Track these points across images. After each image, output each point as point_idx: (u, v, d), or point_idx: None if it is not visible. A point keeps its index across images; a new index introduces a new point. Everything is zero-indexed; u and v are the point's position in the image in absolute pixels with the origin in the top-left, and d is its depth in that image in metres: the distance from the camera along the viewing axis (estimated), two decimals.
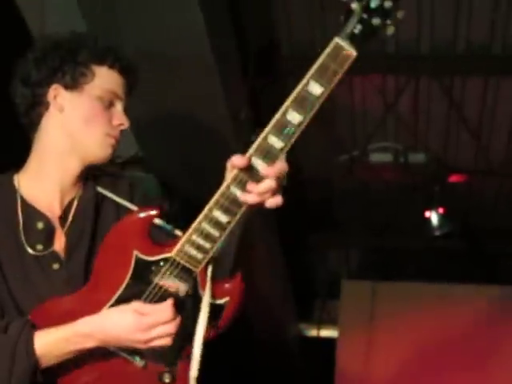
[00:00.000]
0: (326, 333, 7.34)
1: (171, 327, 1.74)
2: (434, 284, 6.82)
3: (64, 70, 1.90)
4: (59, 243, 1.90)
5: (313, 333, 7.37)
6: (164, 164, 4.65)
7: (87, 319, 1.75)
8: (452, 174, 5.71)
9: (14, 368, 1.72)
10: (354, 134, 5.45)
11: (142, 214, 1.80)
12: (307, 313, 7.45)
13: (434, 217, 5.82)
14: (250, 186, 1.67)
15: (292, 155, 1.76)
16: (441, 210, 5.80)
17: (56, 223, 1.91)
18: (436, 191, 5.71)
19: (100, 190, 1.99)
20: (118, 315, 1.75)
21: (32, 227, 1.88)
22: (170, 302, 1.74)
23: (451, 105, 5.18)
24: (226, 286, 1.84)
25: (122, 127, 1.96)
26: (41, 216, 1.89)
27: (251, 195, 1.68)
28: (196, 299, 1.80)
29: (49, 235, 1.89)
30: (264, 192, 1.68)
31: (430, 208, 5.81)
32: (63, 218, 1.92)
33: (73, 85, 1.90)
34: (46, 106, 1.92)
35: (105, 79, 1.92)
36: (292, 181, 1.76)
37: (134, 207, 1.94)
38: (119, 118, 1.95)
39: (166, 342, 1.75)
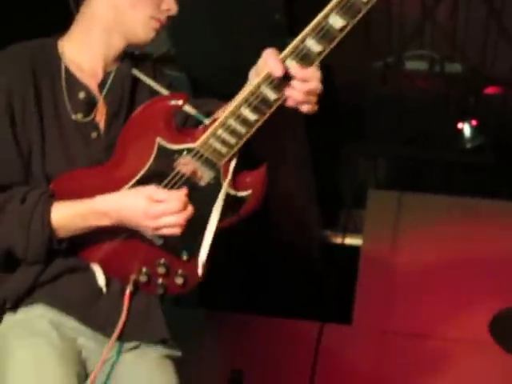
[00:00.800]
0: (351, 241, 7.38)
1: (180, 218, 1.75)
2: (461, 198, 6.80)
3: None
4: (99, 114, 1.94)
5: (337, 240, 7.42)
6: (196, 63, 4.61)
7: (104, 198, 1.79)
8: (488, 86, 5.59)
9: (30, 238, 1.78)
10: (389, 40, 5.33)
11: (170, 101, 1.81)
12: (333, 221, 7.48)
13: (466, 129, 5.75)
14: (296, 83, 1.64)
15: (323, 58, 1.73)
16: (474, 123, 5.73)
17: (96, 94, 1.95)
18: (470, 103, 5.62)
19: (135, 72, 2.02)
20: (132, 198, 1.77)
21: (73, 96, 1.91)
22: (183, 192, 1.76)
23: (491, 13, 5.03)
24: (249, 179, 1.85)
25: (170, 13, 1.98)
26: (82, 86, 1.93)
27: (295, 92, 1.66)
28: (217, 190, 1.81)
29: (89, 105, 1.93)
30: (308, 91, 1.66)
31: (463, 120, 5.73)
32: (102, 87, 1.96)
33: None
34: None
35: None
36: (323, 85, 1.73)
37: (165, 91, 1.94)
38: (168, 3, 1.97)
39: (175, 231, 1.77)
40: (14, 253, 1.82)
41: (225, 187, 1.79)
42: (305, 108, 1.71)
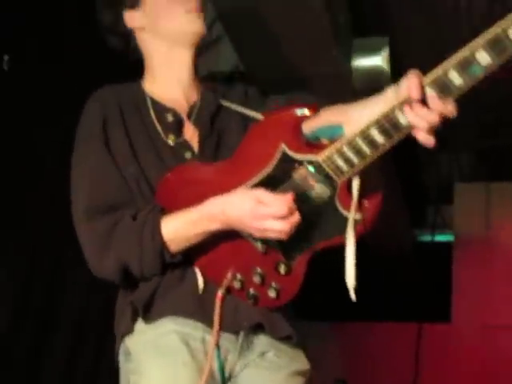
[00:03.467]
0: (441, 237, 7.26)
1: (285, 224, 1.74)
2: None
3: None
4: (189, 134, 2.01)
5: (427, 238, 7.30)
6: (265, 76, 4.63)
7: (212, 201, 1.82)
8: None
9: (143, 253, 1.83)
10: (459, 30, 5.23)
11: (300, 112, 1.79)
12: (421, 218, 7.38)
13: None
14: (420, 110, 1.60)
15: (395, 56, 1.69)
16: None
17: (184, 116, 2.03)
18: None
19: (222, 102, 2.09)
20: (239, 199, 1.79)
21: (163, 120, 1.99)
22: (290, 197, 1.74)
23: None
24: (365, 203, 1.83)
25: None
26: (169, 109, 2.01)
27: (420, 120, 1.62)
28: (329, 207, 1.79)
29: (178, 126, 2.01)
30: (432, 122, 1.62)
31: None
32: (190, 114, 2.04)
33: (135, 1, 2.05)
34: (132, 33, 2.08)
35: None
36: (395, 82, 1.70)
37: (257, 115, 1.95)
38: None
39: (280, 236, 1.77)
40: (131, 270, 1.86)
41: (353, 210, 1.77)
42: (422, 138, 1.67)
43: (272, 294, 1.88)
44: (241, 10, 3.86)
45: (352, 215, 1.78)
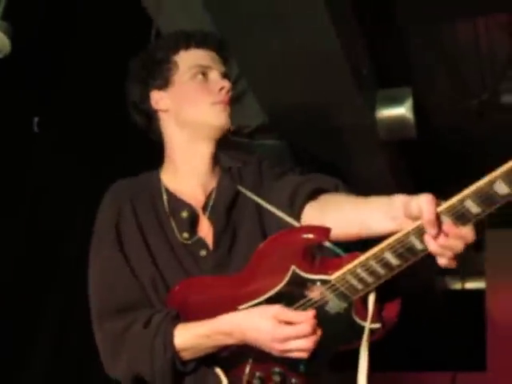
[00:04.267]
0: (472, 285, 7.18)
1: (309, 342, 1.69)
2: None
3: (153, 76, 2.02)
4: (204, 231, 1.96)
5: (458, 286, 7.23)
6: (291, 128, 4.68)
7: (228, 317, 1.77)
8: None
9: (154, 362, 1.78)
10: (481, 76, 5.26)
11: (309, 236, 1.75)
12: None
13: None
14: (443, 241, 1.55)
15: (418, 106, 1.71)
16: None
17: (199, 211, 1.98)
18: None
19: (239, 187, 2.04)
20: (258, 319, 1.73)
21: (177, 216, 1.95)
22: (311, 313, 1.71)
23: None
24: (382, 312, 1.77)
25: (224, 90, 2.00)
26: (184, 205, 1.96)
27: (434, 245, 1.56)
28: (345, 320, 1.76)
29: (193, 223, 1.95)
30: (455, 250, 1.56)
31: None
32: (205, 207, 1.99)
33: (165, 83, 2.01)
34: (156, 114, 2.04)
35: (187, 61, 2.01)
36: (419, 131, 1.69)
37: (275, 210, 1.95)
38: (217, 83, 2.00)
39: (302, 355, 1.72)
40: (143, 376, 1.82)
41: (368, 327, 1.72)
42: (440, 262, 1.60)
43: None
44: (265, 66, 3.93)
45: (368, 325, 1.72)
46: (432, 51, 5.03)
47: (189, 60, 2.02)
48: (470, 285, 7.20)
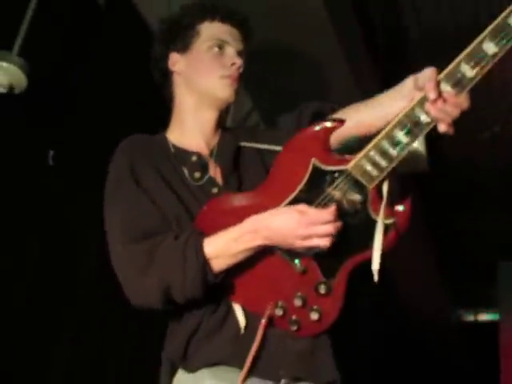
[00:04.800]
0: (485, 317, 7.15)
1: (330, 227, 1.77)
2: None
3: (175, 39, 2.14)
4: (214, 172, 2.06)
5: (471, 318, 7.20)
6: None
7: (253, 217, 1.84)
8: None
9: (186, 271, 1.82)
10: (494, 108, 5.28)
11: (327, 124, 1.85)
12: (464, 298, 7.29)
13: None
14: (442, 106, 1.71)
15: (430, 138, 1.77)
16: None
17: (207, 157, 2.08)
18: None
19: (240, 143, 2.14)
20: (283, 212, 1.82)
21: (187, 162, 2.05)
22: (333, 207, 1.78)
23: None
24: (395, 207, 1.84)
25: (235, 66, 2.10)
26: (192, 153, 2.07)
27: (443, 114, 1.71)
28: (363, 215, 1.83)
29: (203, 164, 2.05)
30: (452, 115, 1.71)
31: None
32: (211, 154, 2.09)
33: (184, 47, 2.13)
34: (171, 75, 2.16)
35: (209, 32, 2.12)
36: (436, 163, 1.76)
37: (275, 147, 2.02)
38: (230, 58, 2.11)
39: (325, 242, 1.78)
40: (173, 291, 1.85)
41: (382, 212, 1.80)
42: (442, 128, 1.74)
43: (314, 316, 1.85)
44: (278, 101, 3.96)
45: (383, 209, 1.79)
46: None
47: (210, 31, 2.12)
48: (484, 317, 7.15)
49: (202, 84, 2.11)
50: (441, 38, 4.79)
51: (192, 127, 2.13)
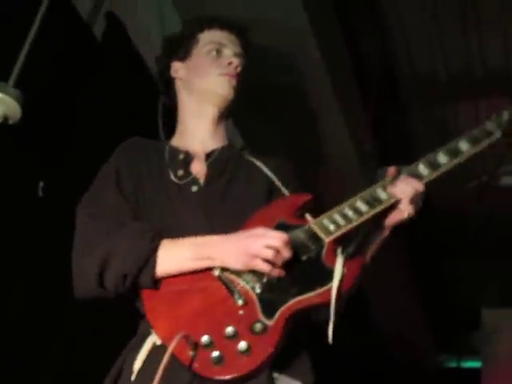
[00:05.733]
0: (468, 364, 7.13)
1: (278, 241, 1.84)
2: None
3: (177, 49, 2.30)
4: (199, 173, 2.13)
5: (454, 364, 7.18)
6: None
7: (210, 241, 1.92)
8: None
9: (133, 248, 1.89)
10: (481, 158, 5.31)
11: (297, 198, 2.07)
12: (447, 344, 7.28)
13: None
14: (399, 184, 2.00)
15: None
16: None
17: (196, 156, 2.17)
18: None
19: (246, 156, 2.24)
20: (239, 233, 1.92)
21: (175, 160, 2.16)
22: (286, 236, 1.87)
23: None
24: (349, 262, 1.94)
25: (232, 65, 2.23)
26: (181, 151, 2.18)
27: (395, 188, 1.99)
28: (314, 264, 1.93)
29: (188, 162, 2.15)
30: (407, 193, 1.98)
31: None
32: (207, 157, 2.18)
33: (185, 55, 2.27)
34: (174, 82, 2.31)
35: (207, 38, 2.27)
36: (422, 212, 1.90)
37: (283, 189, 2.13)
38: (228, 58, 2.24)
39: (266, 267, 1.84)
40: (110, 265, 1.89)
41: (341, 261, 1.91)
42: (403, 206, 2.00)
43: (243, 346, 1.76)
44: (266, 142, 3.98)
45: (339, 267, 1.89)
46: (433, 131, 5.11)
47: (209, 37, 2.27)
48: (466, 364, 7.14)
49: (202, 83, 2.24)
50: (433, 86, 4.86)
51: (192, 128, 2.25)
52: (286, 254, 1.86)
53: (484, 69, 4.64)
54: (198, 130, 2.24)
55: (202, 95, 2.24)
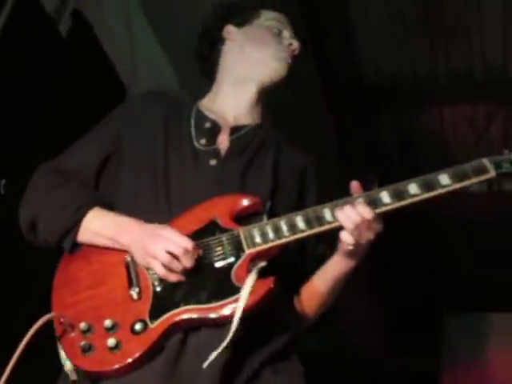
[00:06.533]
0: (429, 368, 7.19)
1: (176, 246, 1.75)
2: None
3: (234, 14, 2.25)
4: (222, 144, 2.05)
5: (415, 368, 7.23)
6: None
7: (138, 220, 1.88)
8: None
9: (61, 211, 1.90)
10: (446, 165, 5.36)
11: (241, 200, 1.90)
12: (409, 348, 7.33)
13: None
14: (346, 210, 1.77)
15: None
16: None
17: (223, 127, 2.08)
18: None
19: (282, 143, 2.13)
20: (156, 225, 1.84)
21: (200, 127, 2.07)
22: (192, 243, 1.77)
23: None
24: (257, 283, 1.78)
25: (292, 47, 2.20)
26: (209, 119, 2.09)
27: (344, 217, 1.76)
28: (224, 274, 1.80)
29: (213, 133, 2.06)
30: (353, 221, 1.75)
31: None
32: (234, 130, 2.09)
33: (243, 22, 2.24)
34: (223, 41, 2.23)
35: (270, 16, 2.24)
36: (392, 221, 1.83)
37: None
38: (288, 40, 2.21)
39: (160, 270, 1.77)
40: (38, 225, 1.93)
41: (256, 272, 1.77)
42: (344, 234, 1.78)
43: (111, 342, 1.72)
44: None
45: (256, 272, 1.77)
46: (397, 134, 5.13)
47: (271, 16, 2.24)
48: (428, 368, 7.20)
49: (260, 53, 2.17)
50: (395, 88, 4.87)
51: (228, 94, 2.17)
52: (186, 263, 1.76)
53: (449, 72, 4.67)
54: (235, 99, 2.16)
55: (255, 63, 2.16)
